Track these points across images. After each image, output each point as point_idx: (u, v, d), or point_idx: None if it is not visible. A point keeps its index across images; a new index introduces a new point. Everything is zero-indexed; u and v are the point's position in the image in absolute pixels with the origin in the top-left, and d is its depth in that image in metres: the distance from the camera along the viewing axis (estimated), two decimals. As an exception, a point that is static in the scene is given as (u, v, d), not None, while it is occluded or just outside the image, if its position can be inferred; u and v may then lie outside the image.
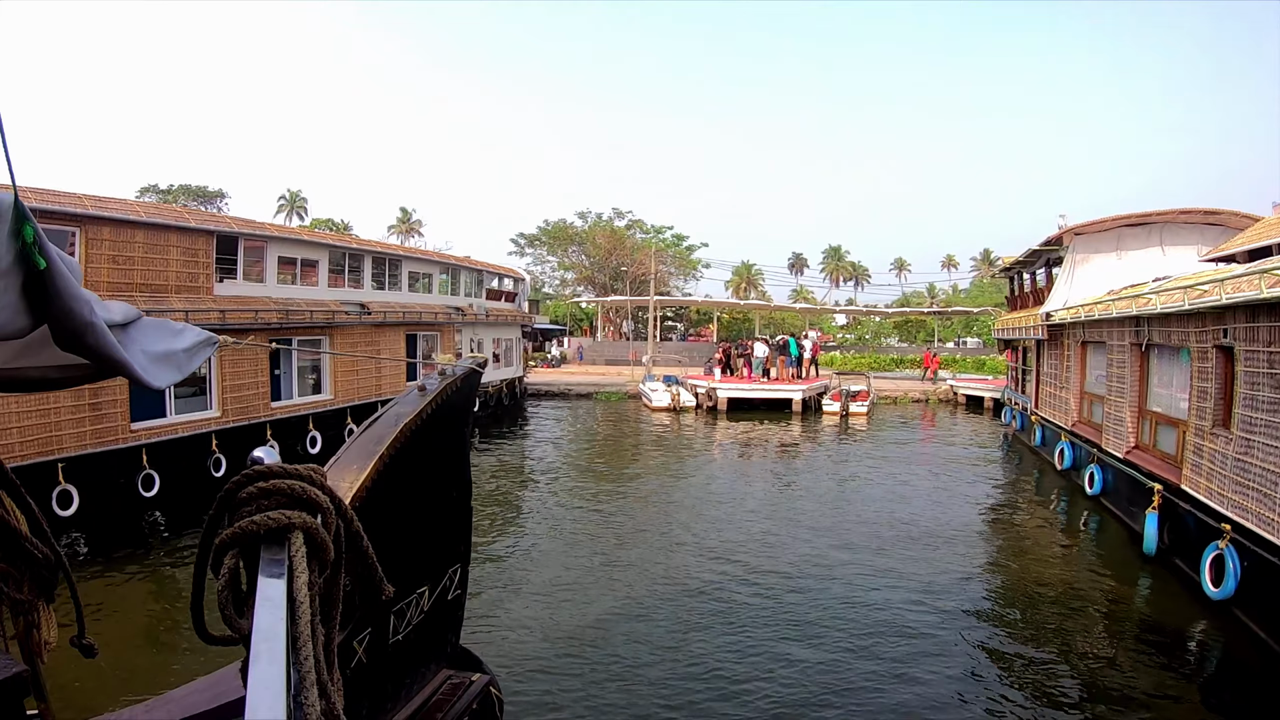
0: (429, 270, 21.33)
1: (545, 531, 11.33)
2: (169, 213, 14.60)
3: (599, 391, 31.12)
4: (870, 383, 28.27)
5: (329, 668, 1.45)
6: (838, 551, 10.25)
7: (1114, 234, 15.22)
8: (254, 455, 1.51)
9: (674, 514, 12.24)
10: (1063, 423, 14.82)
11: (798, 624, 7.76)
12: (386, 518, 2.86)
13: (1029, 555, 10.61)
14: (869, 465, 16.80)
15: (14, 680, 2.21)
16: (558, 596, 8.49)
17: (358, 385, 18.21)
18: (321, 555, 1.43)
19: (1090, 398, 13.65)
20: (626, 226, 53.12)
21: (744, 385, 26.01)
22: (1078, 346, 14.06)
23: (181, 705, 2.95)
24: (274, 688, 1.01)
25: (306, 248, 17.11)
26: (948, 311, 54.85)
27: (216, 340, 2.43)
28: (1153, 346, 10.47)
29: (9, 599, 2.39)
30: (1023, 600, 8.73)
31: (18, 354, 2.10)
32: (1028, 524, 12.28)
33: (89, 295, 1.68)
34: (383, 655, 3.14)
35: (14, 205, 1.45)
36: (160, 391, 13.09)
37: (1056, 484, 14.64)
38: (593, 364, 45.13)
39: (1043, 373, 16.67)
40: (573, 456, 18.01)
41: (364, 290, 18.86)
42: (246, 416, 14.92)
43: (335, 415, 17.34)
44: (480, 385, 4.01)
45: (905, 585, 9.02)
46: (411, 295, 20.65)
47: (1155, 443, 10.66)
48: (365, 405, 18.34)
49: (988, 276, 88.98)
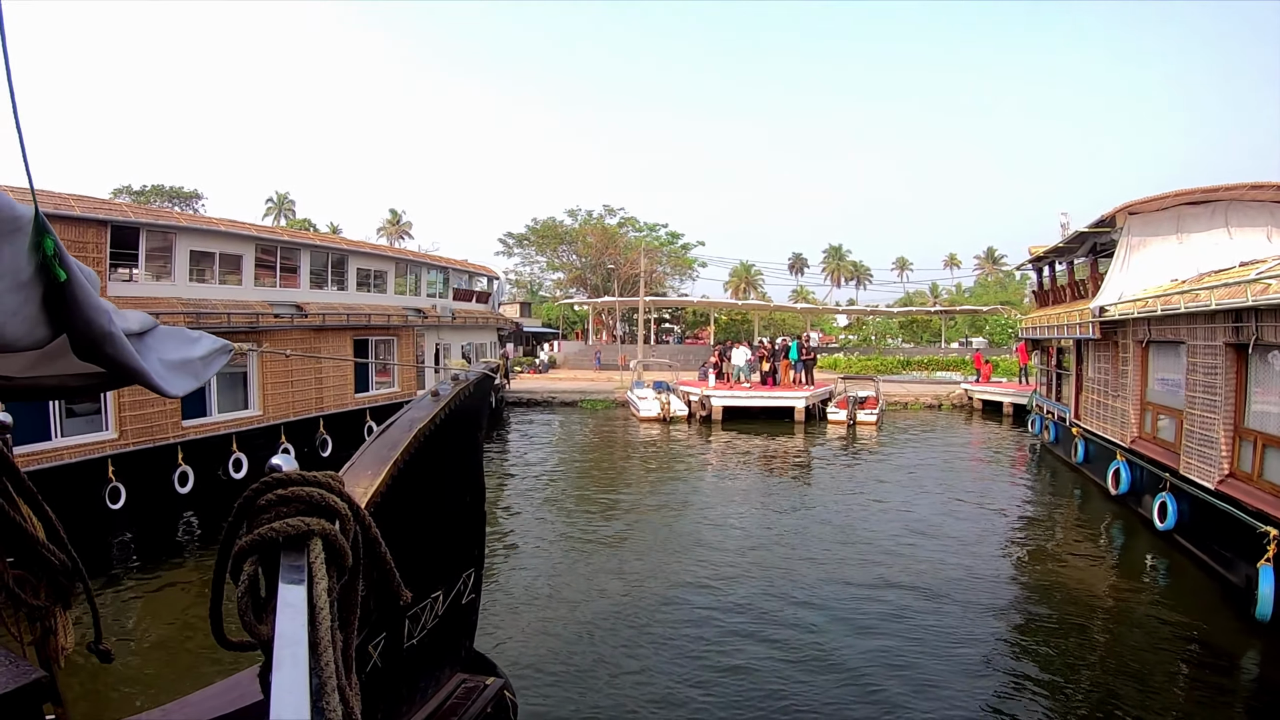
0: (382, 267, 18.91)
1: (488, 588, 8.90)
2: (51, 199, 12.20)
3: (584, 399, 28.71)
4: (879, 387, 25.82)
5: (347, 672, 1.46)
6: (848, 602, 7.88)
7: (1173, 214, 12.81)
8: (272, 463, 1.52)
9: (651, 565, 9.81)
10: (1116, 438, 12.40)
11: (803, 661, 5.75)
12: (401, 523, 2.79)
13: (1085, 604, 8.31)
14: (880, 486, 14.39)
15: (32, 686, 2.20)
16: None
17: (293, 399, 15.81)
18: (340, 561, 1.44)
19: (1156, 409, 11.23)
20: (618, 224, 50.58)
21: (741, 392, 23.60)
22: (1137, 347, 11.65)
23: (198, 710, 2.95)
24: (297, 692, 1.02)
25: (227, 240, 14.71)
26: (955, 310, 52.46)
27: (232, 348, 2.44)
28: (1263, 347, 8.06)
29: (26, 605, 2.41)
30: (1087, 675, 6.36)
31: (34, 363, 2.07)
32: (1076, 561, 9.90)
33: (107, 305, 1.69)
34: (398, 659, 3.10)
35: (34, 218, 1.48)
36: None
37: (1106, 511, 12.24)
38: (582, 368, 42.81)
39: (1087, 378, 14.25)
40: (540, 480, 15.58)
41: (300, 289, 16.47)
42: (151, 438, 12.54)
43: (265, 434, 14.95)
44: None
45: (929, 643, 7.11)
46: (360, 295, 18.25)
47: (1261, 472, 8.24)
48: (304, 422, 15.98)
49: (991, 275, 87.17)
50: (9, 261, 1.43)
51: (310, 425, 16.23)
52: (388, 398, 18.84)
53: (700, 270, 54.71)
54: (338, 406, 17.21)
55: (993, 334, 47.36)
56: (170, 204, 57.02)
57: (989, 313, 49.31)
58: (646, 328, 52.58)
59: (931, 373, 37.63)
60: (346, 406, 17.47)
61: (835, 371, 36.06)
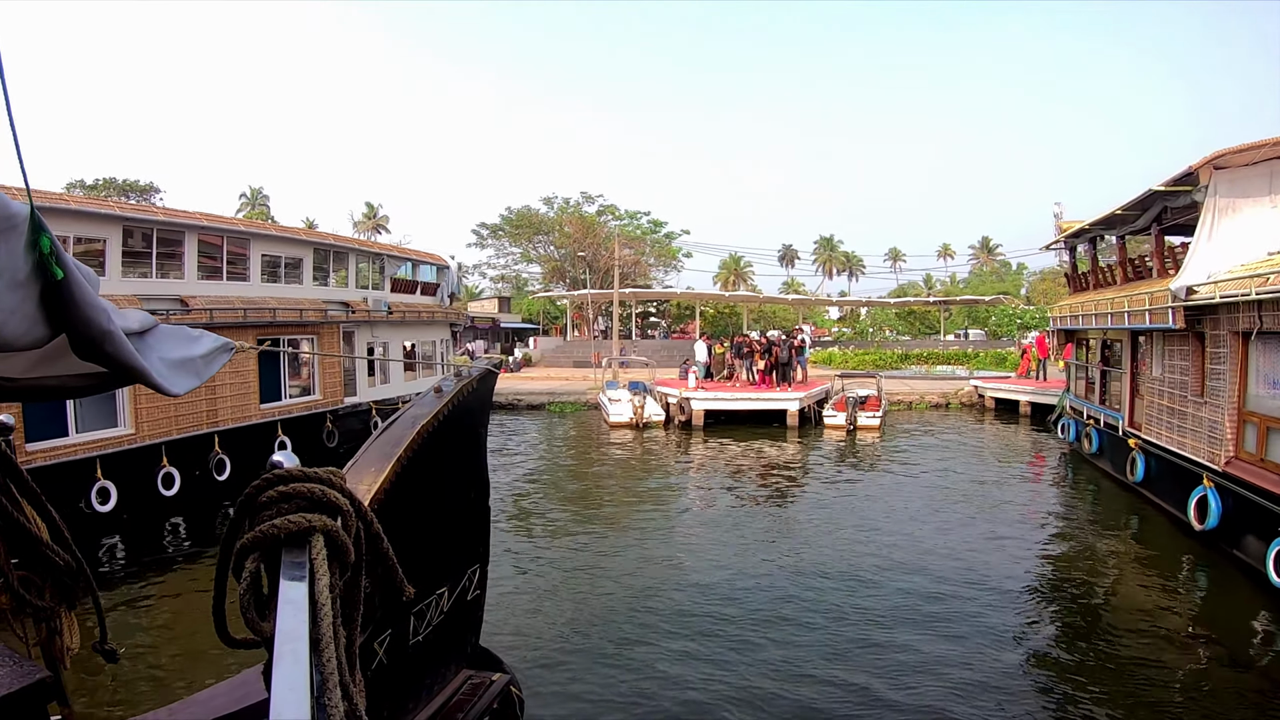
0: (295, 253, 15.88)
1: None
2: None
3: (552, 402, 25.79)
4: (881, 385, 23.03)
5: (351, 669, 1.46)
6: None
7: (1265, 170, 10.01)
8: (273, 459, 1.50)
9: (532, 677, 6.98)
10: (1200, 456, 9.64)
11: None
12: (405, 519, 2.77)
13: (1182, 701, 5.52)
14: (890, 514, 11.57)
15: (37, 686, 2.21)
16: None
17: (175, 413, 12.86)
18: (342, 557, 1.44)
19: (1264, 421, 8.45)
20: (597, 212, 47.43)
21: (725, 394, 20.74)
22: (1235, 340, 8.86)
23: (204, 708, 2.93)
24: (298, 689, 1.02)
25: (84, 222, 11.74)
26: (955, 301, 49.81)
27: (233, 346, 2.43)
28: None
29: (31, 605, 2.43)
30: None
31: (35, 364, 2.07)
32: (1163, 623, 7.17)
33: (106, 304, 1.68)
34: (403, 656, 3.09)
35: (30, 216, 1.47)
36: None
37: (1184, 550, 9.50)
38: (558, 366, 39.89)
39: (1150, 377, 11.45)
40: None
41: (185, 280, 13.47)
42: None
43: (140, 457, 12.09)
44: (389, 401, 5.58)
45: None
46: (268, 286, 15.26)
47: None
48: (192, 440, 13.06)
49: (987, 265, 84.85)
50: (6, 259, 1.44)
51: (201, 444, 13.31)
52: (305, 407, 15.88)
53: (686, 261, 51.76)
54: (238, 420, 14.26)
55: (999, 325, 44.61)
56: (125, 198, 53.54)
57: (991, 303, 46.62)
58: (627, 322, 49.65)
59: (932, 367, 34.91)
60: (249, 420, 14.52)
61: (831, 368, 33.26)
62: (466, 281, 75.68)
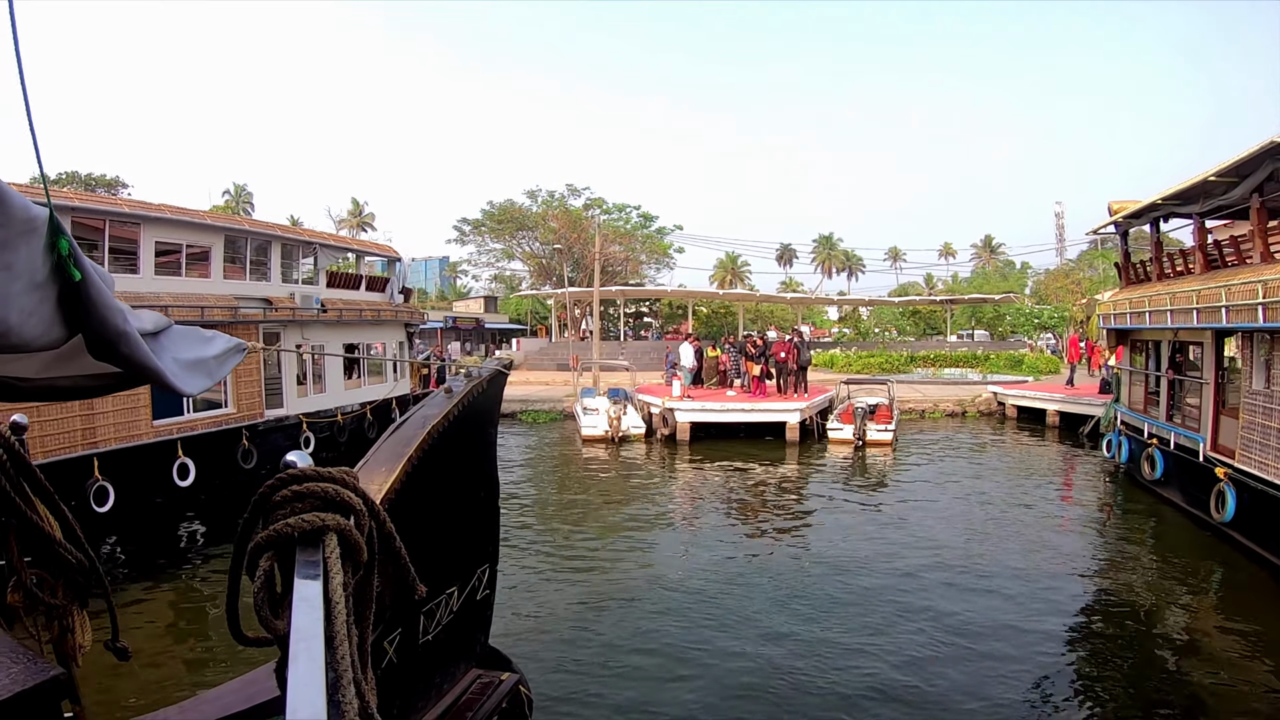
0: (200, 241, 13.32)
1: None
2: None
3: (524, 411, 23.27)
4: (893, 392, 20.51)
5: (363, 667, 1.46)
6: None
7: None
8: (287, 459, 1.49)
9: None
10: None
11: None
12: (416, 519, 2.74)
13: None
14: (912, 554, 9.05)
15: (50, 683, 2.21)
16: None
17: (41, 431, 10.32)
18: (355, 556, 1.44)
19: None
20: (584, 206, 44.84)
21: (714, 404, 18.22)
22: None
23: (216, 706, 2.93)
24: (314, 686, 1.02)
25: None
26: (962, 300, 47.31)
27: (246, 347, 2.40)
28: None
29: (43, 603, 2.44)
30: None
31: (49, 364, 2.08)
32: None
33: (122, 305, 1.68)
34: (413, 655, 3.08)
35: (49, 219, 1.47)
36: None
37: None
38: (541, 369, 37.39)
39: (1250, 390, 8.92)
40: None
41: (48, 270, 10.94)
42: None
43: None
44: (325, 413, 4.87)
45: None
46: (164, 280, 12.74)
47: None
48: (62, 464, 10.52)
49: (989, 264, 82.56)
50: (25, 262, 1.44)
51: (76, 469, 10.79)
52: (214, 423, 13.35)
53: (680, 258, 49.29)
54: (123, 440, 11.72)
55: (1015, 324, 42.04)
56: (89, 192, 50.93)
57: (1001, 301, 44.13)
58: (616, 323, 47.11)
59: (939, 370, 32.40)
60: (139, 439, 12.00)
61: (834, 372, 30.76)
62: (457, 281, 73.19)
